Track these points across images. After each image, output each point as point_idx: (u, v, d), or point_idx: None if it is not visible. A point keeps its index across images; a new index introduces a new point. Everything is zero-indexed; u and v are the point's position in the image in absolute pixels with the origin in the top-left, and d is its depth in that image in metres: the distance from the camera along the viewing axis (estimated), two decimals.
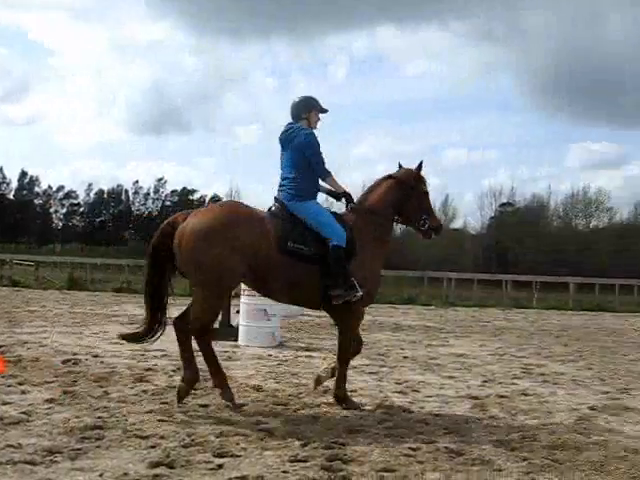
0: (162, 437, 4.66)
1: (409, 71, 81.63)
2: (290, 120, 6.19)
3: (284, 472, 4.03)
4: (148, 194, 56.11)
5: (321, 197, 6.24)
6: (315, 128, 6.19)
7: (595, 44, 70.50)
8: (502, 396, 6.76)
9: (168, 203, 56.17)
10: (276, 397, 6.21)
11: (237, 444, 4.56)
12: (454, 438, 4.99)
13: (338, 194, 6.21)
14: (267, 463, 4.19)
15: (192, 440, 4.60)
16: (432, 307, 22.08)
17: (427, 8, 76.99)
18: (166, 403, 5.73)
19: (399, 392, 6.82)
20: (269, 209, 6.06)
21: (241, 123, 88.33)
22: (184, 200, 56.07)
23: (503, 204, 58.93)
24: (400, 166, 6.49)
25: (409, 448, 4.65)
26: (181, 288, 23.60)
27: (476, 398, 6.62)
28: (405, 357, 9.46)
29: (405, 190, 6.29)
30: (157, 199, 56.52)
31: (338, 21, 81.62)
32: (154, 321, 5.74)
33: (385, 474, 4.06)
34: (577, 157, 77.96)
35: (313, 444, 4.60)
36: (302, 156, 5.94)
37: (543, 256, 46.28)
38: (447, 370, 8.33)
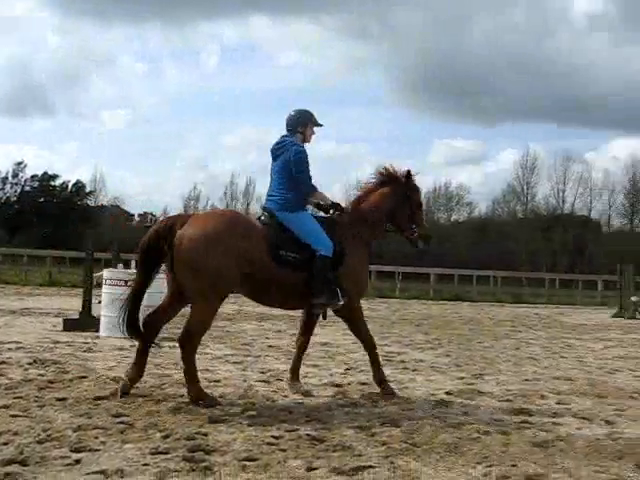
0: (15, 433, 4.44)
1: (281, 61, 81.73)
2: (285, 132, 6.29)
3: (144, 465, 3.95)
4: (6, 178, 53.15)
5: None
6: (309, 142, 6.34)
7: (460, 45, 73.28)
8: (364, 383, 6.92)
9: (28, 188, 53.45)
10: (137, 388, 6.06)
11: (96, 438, 4.42)
12: (316, 425, 5.06)
13: (327, 206, 6.34)
14: (127, 456, 4.09)
15: (48, 435, 4.41)
16: None
17: (297, 1, 77.53)
18: (21, 397, 5.47)
19: (263, 381, 6.84)
20: (258, 218, 6.21)
21: (108, 107, 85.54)
22: (45, 185, 53.64)
23: None
24: (385, 170, 6.61)
25: (272, 436, 4.67)
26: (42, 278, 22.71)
27: (339, 386, 6.75)
28: (270, 346, 9.50)
29: (400, 199, 6.52)
30: (16, 184, 53.67)
31: (209, 9, 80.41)
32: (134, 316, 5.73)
33: (247, 463, 4.05)
34: (441, 153, 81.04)
35: (175, 435, 4.53)
36: (290, 170, 6.05)
37: (406, 248, 47.72)
38: (311, 359, 8.43)
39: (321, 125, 6.38)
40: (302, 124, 6.26)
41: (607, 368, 8.86)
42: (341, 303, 5.94)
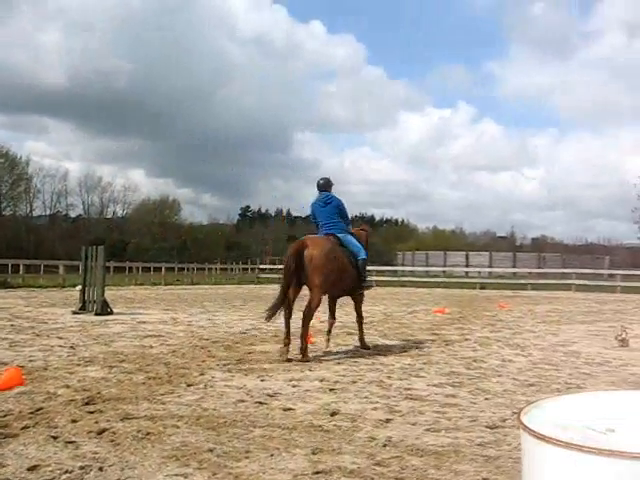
0: None
1: None
2: (318, 191, 10.06)
3: None
4: None
5: None
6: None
7: None
8: None
9: None
10: None
11: None
12: None
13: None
14: None
15: None
16: None
17: None
18: None
19: None
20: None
21: None
22: None
23: None
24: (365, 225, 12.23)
25: None
26: None
27: None
28: None
29: (366, 240, 10.51)
30: None
31: None
32: (281, 304, 8.78)
33: None
34: None
35: None
36: (338, 211, 9.78)
37: None
38: None
39: (333, 184, 10.17)
40: (329, 186, 10.07)
41: None
42: (374, 285, 10.36)
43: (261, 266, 49.93)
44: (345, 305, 17.25)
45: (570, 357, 9.39)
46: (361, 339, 10.13)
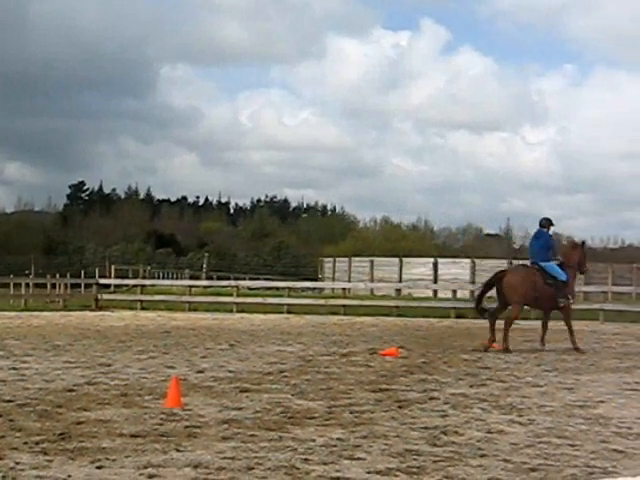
0: None
1: None
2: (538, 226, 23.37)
3: None
4: None
5: None
6: (549, 231, 23.62)
7: None
8: None
9: None
10: None
11: None
12: None
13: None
14: None
15: None
16: None
17: None
18: None
19: None
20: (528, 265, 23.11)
21: None
22: None
23: None
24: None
25: None
26: None
27: None
28: None
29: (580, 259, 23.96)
30: None
31: None
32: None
33: None
34: None
35: None
36: (544, 245, 22.70)
37: None
38: None
39: (554, 225, 23.93)
40: (550, 225, 23.23)
41: None
42: (570, 301, 22.41)
43: (102, 281, 49.06)
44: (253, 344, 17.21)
45: (594, 425, 9.69)
46: (573, 342, 21.49)
